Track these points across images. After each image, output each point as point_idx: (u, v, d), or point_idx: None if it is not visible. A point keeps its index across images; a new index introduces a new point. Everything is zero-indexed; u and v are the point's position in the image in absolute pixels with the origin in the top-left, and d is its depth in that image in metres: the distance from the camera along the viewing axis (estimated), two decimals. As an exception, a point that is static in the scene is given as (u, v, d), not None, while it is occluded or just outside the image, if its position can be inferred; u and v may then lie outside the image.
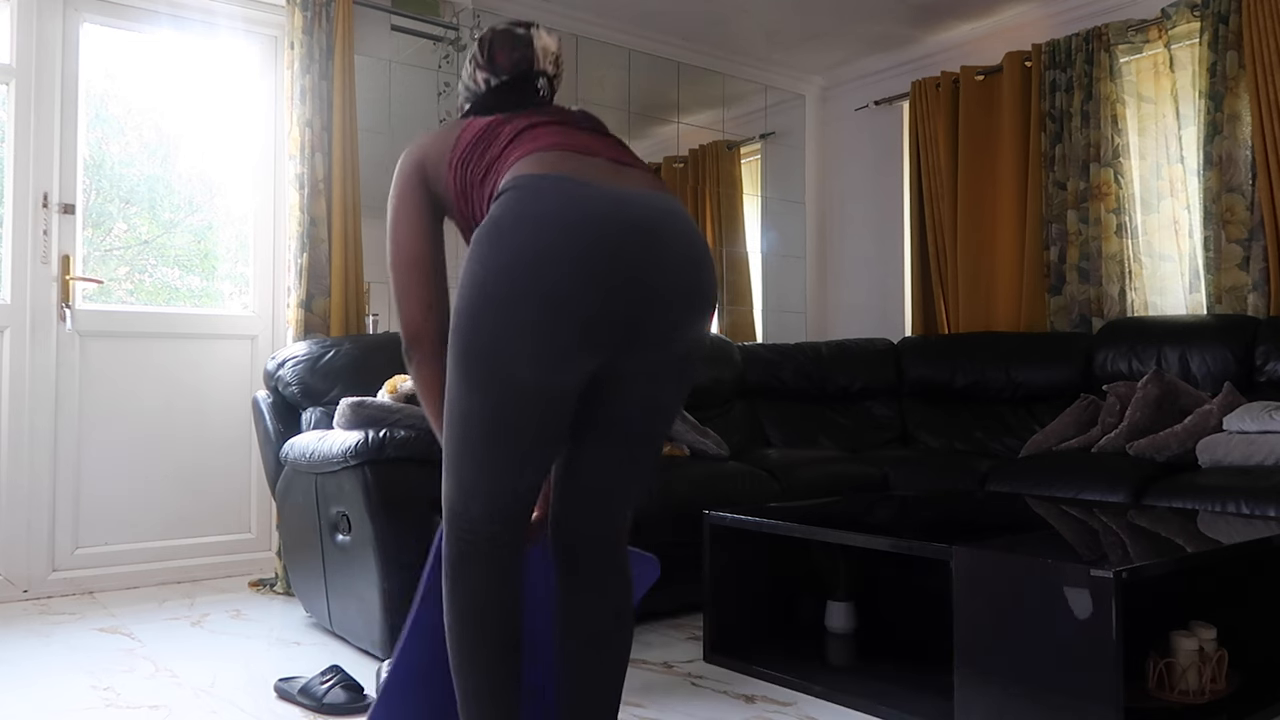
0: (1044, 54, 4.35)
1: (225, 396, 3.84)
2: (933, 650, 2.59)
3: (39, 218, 3.47)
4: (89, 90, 3.64)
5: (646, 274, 1.43)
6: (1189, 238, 3.95)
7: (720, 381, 4.21)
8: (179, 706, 2.26)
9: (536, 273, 1.38)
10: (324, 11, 3.74)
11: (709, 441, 3.52)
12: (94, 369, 3.58)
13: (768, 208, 5.39)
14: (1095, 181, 4.15)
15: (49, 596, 3.43)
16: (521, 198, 1.43)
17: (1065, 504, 2.82)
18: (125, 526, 3.62)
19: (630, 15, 4.64)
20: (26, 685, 2.42)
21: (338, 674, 2.27)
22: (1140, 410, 3.38)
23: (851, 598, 2.83)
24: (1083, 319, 4.18)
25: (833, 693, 2.32)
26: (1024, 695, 1.92)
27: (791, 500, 3.24)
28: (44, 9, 3.50)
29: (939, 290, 4.78)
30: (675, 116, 5.09)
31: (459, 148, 1.64)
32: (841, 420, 4.39)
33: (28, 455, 3.42)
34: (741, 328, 5.22)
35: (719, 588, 2.70)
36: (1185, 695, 2.17)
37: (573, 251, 1.38)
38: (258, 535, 3.88)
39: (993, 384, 4.14)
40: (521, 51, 1.75)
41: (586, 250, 1.39)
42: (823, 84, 5.52)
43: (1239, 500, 2.74)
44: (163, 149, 3.92)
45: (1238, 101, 3.75)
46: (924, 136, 4.83)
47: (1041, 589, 1.90)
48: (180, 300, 3.96)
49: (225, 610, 3.24)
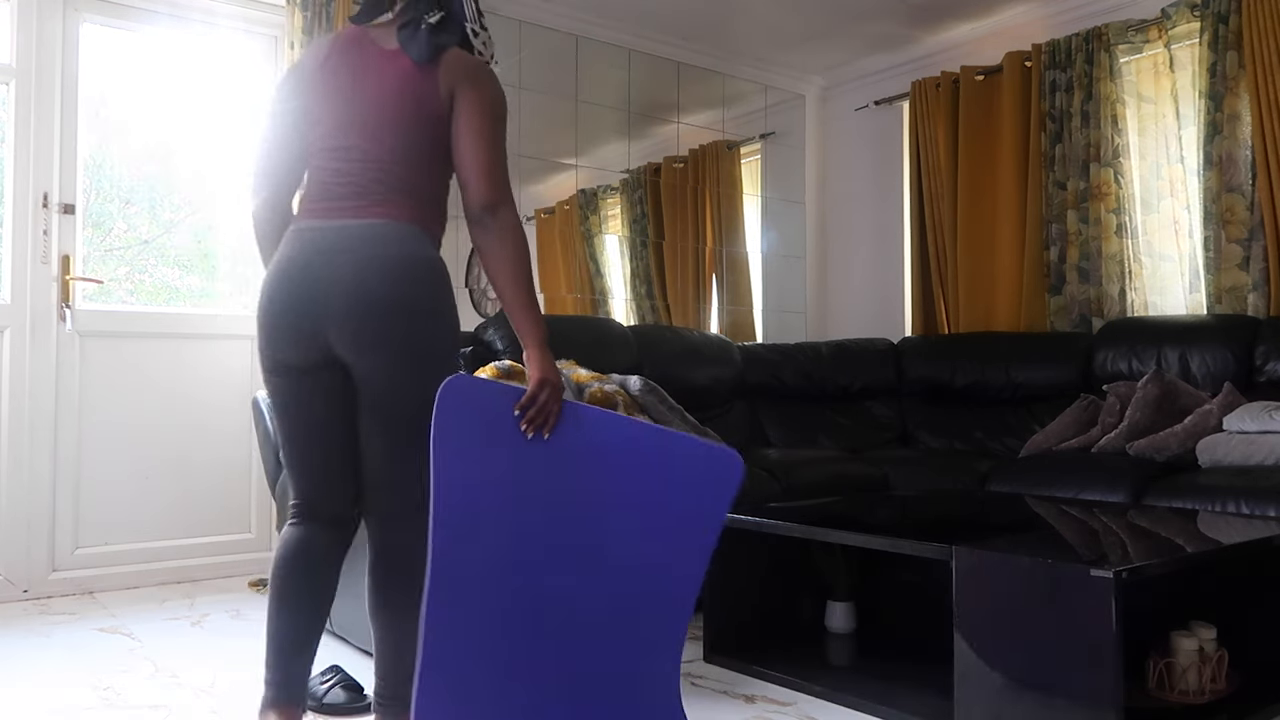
0: (1044, 54, 4.35)
1: (225, 396, 3.84)
2: (933, 650, 2.59)
3: (39, 218, 3.47)
4: (89, 90, 3.64)
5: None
6: (1189, 238, 3.95)
7: (720, 381, 4.21)
8: (179, 706, 2.26)
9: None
10: (324, 11, 3.74)
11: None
12: (94, 369, 3.58)
13: (768, 208, 5.39)
14: (1095, 181, 4.15)
15: (49, 596, 3.43)
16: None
17: (1065, 504, 2.82)
18: (125, 526, 3.62)
19: (630, 15, 4.64)
20: (27, 685, 2.42)
21: (338, 674, 2.27)
22: (1140, 410, 3.38)
23: (851, 598, 2.83)
24: (1083, 319, 4.18)
25: (833, 693, 2.32)
26: (1024, 695, 1.92)
27: (791, 500, 3.24)
28: (44, 9, 3.50)
29: (939, 290, 4.78)
30: (675, 116, 5.09)
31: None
32: (841, 420, 4.39)
33: (28, 455, 3.42)
34: (741, 328, 5.22)
35: (719, 588, 2.70)
36: (1185, 695, 2.17)
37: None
38: (258, 535, 3.88)
39: (993, 384, 4.14)
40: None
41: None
42: (823, 84, 5.52)
43: (1239, 500, 2.74)
44: (163, 149, 3.92)
45: (1238, 101, 3.75)
46: (924, 136, 4.83)
47: (1042, 589, 1.90)
48: (180, 300, 3.96)
49: (225, 610, 3.24)
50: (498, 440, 1.72)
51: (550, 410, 1.73)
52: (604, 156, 4.91)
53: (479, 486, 1.71)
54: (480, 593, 1.71)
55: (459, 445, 1.70)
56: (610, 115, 4.82)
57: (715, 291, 5.19)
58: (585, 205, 4.87)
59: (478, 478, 1.71)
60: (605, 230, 5.00)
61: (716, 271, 5.19)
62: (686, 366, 4.08)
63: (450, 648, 1.70)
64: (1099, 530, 2.37)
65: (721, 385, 4.21)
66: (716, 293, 5.19)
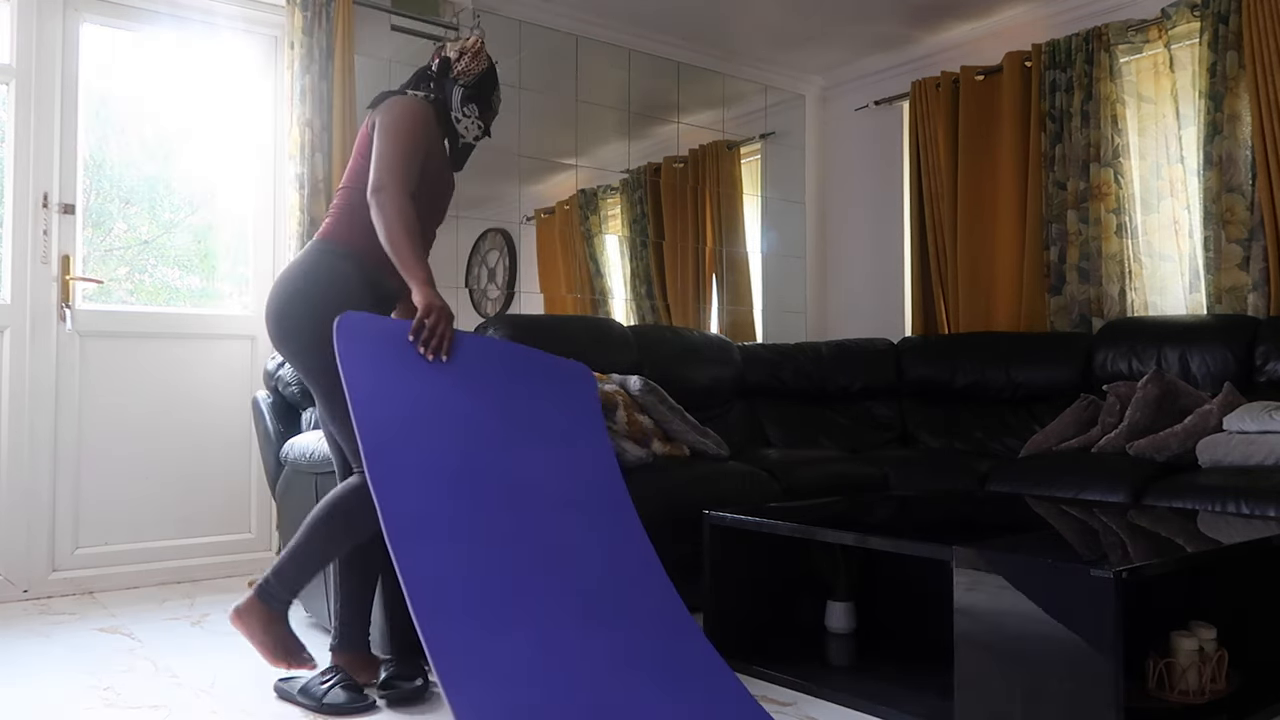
0: (1044, 54, 4.35)
1: (225, 396, 3.84)
2: (933, 650, 2.59)
3: (39, 218, 3.47)
4: (89, 90, 3.64)
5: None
6: (1189, 238, 3.95)
7: (720, 381, 4.21)
8: (179, 706, 2.26)
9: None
10: (324, 11, 3.74)
11: (709, 441, 3.52)
12: (94, 369, 3.58)
13: (768, 208, 5.39)
14: (1095, 181, 4.15)
15: (49, 596, 3.43)
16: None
17: (1065, 504, 2.82)
18: (125, 526, 3.62)
19: (630, 15, 4.64)
20: (27, 685, 2.42)
21: (338, 674, 2.27)
22: (1140, 410, 3.38)
23: (851, 598, 2.83)
24: (1083, 319, 4.17)
25: (833, 693, 2.32)
26: (1024, 695, 1.92)
27: (791, 500, 3.24)
28: (44, 9, 3.50)
29: (939, 290, 4.78)
30: (675, 116, 5.09)
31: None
32: (841, 420, 4.39)
33: (28, 455, 3.42)
34: (741, 328, 5.22)
35: (719, 588, 2.70)
36: (1185, 695, 2.17)
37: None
38: (258, 535, 3.88)
39: (993, 384, 4.14)
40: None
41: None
42: (823, 84, 5.52)
43: (1239, 500, 2.74)
44: (163, 149, 3.92)
45: (1238, 101, 3.75)
46: (924, 136, 4.83)
47: (1041, 589, 1.90)
48: (180, 300, 3.96)
49: (225, 610, 3.23)
50: (405, 365, 2.02)
51: (441, 333, 2.09)
52: (604, 156, 4.92)
53: (396, 402, 1.98)
54: (429, 494, 1.94)
55: (367, 368, 1.98)
56: (610, 115, 4.82)
57: (715, 291, 5.19)
58: (585, 205, 4.87)
59: (391, 394, 1.98)
60: (605, 230, 5.00)
61: (716, 271, 5.19)
62: (686, 366, 4.08)
63: (418, 551, 1.87)
64: (1099, 530, 2.37)
65: (721, 385, 4.21)
66: (716, 293, 5.19)
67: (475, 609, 1.81)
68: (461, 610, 1.80)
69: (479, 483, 2.00)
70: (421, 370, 2.03)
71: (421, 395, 2.01)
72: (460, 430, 2.02)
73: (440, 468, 1.96)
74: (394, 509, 1.87)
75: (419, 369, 2.03)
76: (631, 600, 2.05)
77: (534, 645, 1.82)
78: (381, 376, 1.99)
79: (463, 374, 2.08)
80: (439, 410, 2.01)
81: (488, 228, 4.60)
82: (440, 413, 2.01)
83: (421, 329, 2.09)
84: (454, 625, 1.77)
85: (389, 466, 1.90)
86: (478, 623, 1.79)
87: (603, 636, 1.91)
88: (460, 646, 1.74)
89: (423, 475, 1.93)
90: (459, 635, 1.76)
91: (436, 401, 2.02)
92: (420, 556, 1.82)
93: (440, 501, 1.92)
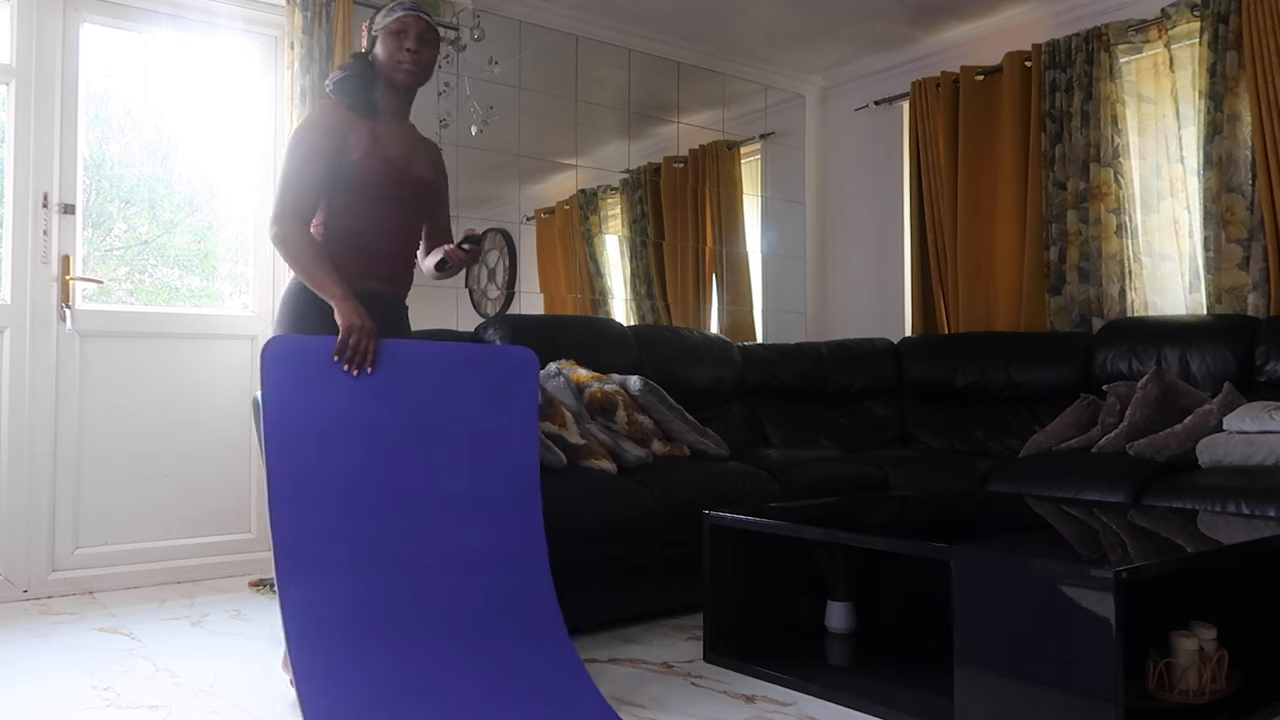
0: (1044, 54, 4.35)
1: (225, 396, 3.83)
2: (933, 650, 2.59)
3: (39, 218, 3.47)
4: (89, 90, 3.64)
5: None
6: (1189, 238, 3.95)
7: (720, 381, 4.21)
8: (179, 706, 2.26)
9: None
10: (324, 11, 3.74)
11: (709, 441, 3.52)
12: (94, 369, 3.58)
13: (768, 208, 5.39)
14: (1095, 181, 4.15)
15: (49, 596, 3.43)
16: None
17: (1065, 504, 2.82)
18: (125, 526, 3.62)
19: (630, 15, 4.64)
20: (27, 685, 2.42)
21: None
22: (1140, 410, 3.38)
23: (851, 598, 2.83)
24: (1083, 319, 4.17)
25: (833, 693, 2.32)
26: (1024, 695, 1.92)
27: (791, 500, 3.24)
28: (44, 9, 3.50)
29: (939, 290, 4.78)
30: (675, 116, 5.09)
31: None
32: (841, 420, 4.39)
33: (28, 455, 3.42)
34: (741, 328, 5.22)
35: (719, 588, 2.70)
36: (1185, 695, 2.17)
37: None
38: (258, 535, 3.87)
39: (993, 384, 4.14)
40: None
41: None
42: (823, 84, 5.52)
43: (1239, 500, 2.74)
44: (163, 149, 3.92)
45: (1238, 101, 3.75)
46: (924, 137, 4.83)
47: (1041, 589, 1.90)
48: (180, 300, 3.96)
49: (225, 610, 3.24)
50: (327, 382, 2.10)
51: (364, 349, 2.15)
52: (604, 156, 4.91)
53: (306, 422, 2.06)
54: (334, 501, 2.04)
55: (286, 389, 2.06)
56: (610, 115, 4.82)
57: (715, 291, 5.19)
58: (585, 205, 4.87)
59: (304, 414, 2.07)
60: (605, 230, 5.00)
61: (716, 271, 5.19)
62: (686, 366, 4.08)
63: (307, 551, 1.99)
64: (1099, 530, 2.37)
65: (721, 385, 4.21)
66: (716, 293, 5.19)
67: (346, 633, 1.95)
68: (336, 634, 1.94)
69: (374, 493, 2.09)
70: (343, 386, 2.12)
71: (334, 411, 2.09)
72: (365, 442, 2.11)
73: (337, 481, 2.06)
74: (282, 532, 1.98)
75: (341, 385, 2.12)
76: (507, 607, 2.14)
77: (401, 667, 1.95)
78: (298, 397, 2.08)
79: (386, 385, 2.16)
80: (347, 425, 2.10)
81: (488, 228, 4.59)
82: (348, 426, 2.10)
83: (345, 348, 2.15)
84: (323, 647, 1.91)
85: (287, 492, 2.00)
86: (345, 646, 1.93)
87: (467, 653, 2.03)
88: (324, 666, 1.89)
89: (320, 492, 2.03)
90: (328, 656, 1.91)
91: (349, 416, 2.10)
92: (300, 585, 1.96)
93: (333, 519, 2.03)
